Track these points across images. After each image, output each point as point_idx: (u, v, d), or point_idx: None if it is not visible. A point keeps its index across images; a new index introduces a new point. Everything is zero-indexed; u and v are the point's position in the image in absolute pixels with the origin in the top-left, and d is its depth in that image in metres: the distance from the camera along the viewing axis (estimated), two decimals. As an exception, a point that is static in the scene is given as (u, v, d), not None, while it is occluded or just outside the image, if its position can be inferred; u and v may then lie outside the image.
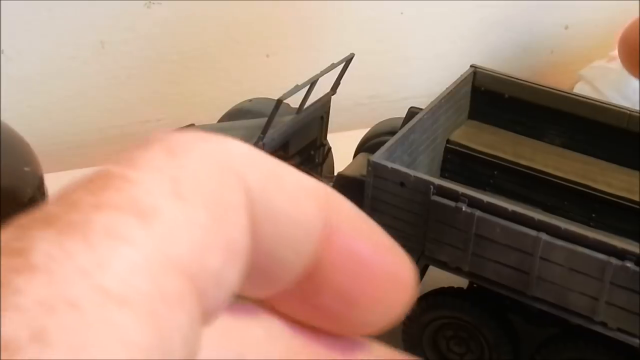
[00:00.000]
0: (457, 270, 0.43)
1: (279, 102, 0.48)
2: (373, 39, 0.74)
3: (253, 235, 0.15)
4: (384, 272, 0.17)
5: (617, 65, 0.70)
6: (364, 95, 0.56)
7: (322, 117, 0.56)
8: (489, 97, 0.52)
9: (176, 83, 0.70)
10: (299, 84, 0.49)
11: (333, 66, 0.52)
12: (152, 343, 0.12)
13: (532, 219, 0.39)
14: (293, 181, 0.15)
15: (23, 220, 0.13)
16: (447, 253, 0.43)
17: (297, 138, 0.54)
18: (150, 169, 0.14)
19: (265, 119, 0.50)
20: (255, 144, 0.50)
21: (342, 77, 0.55)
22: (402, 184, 0.42)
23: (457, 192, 0.40)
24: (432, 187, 0.41)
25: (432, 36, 0.76)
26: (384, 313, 0.17)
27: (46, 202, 0.14)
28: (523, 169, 0.50)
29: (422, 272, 0.47)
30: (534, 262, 0.39)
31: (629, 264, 0.37)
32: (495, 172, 0.51)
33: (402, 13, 0.73)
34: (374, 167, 0.42)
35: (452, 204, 0.40)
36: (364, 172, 0.44)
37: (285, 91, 0.49)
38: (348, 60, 0.53)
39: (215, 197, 0.14)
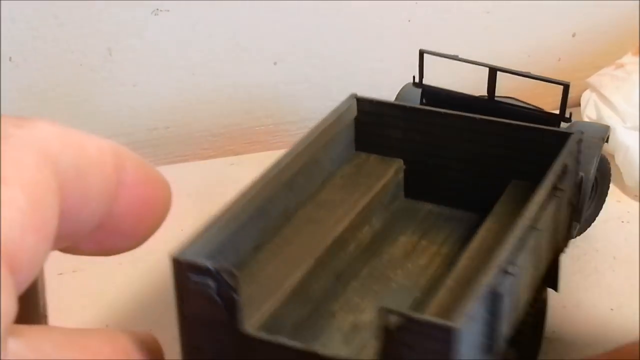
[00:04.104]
0: None
1: (422, 52, 0.51)
2: (380, 45, 0.74)
3: (63, 208, 0.16)
4: (160, 203, 0.19)
5: (624, 73, 0.70)
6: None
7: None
8: None
9: (183, 90, 0.70)
10: (460, 56, 0.52)
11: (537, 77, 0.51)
12: None
13: None
14: (94, 147, 0.17)
15: None
16: None
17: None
18: None
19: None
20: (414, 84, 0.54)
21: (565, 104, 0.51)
22: None
23: None
24: None
25: (438, 43, 0.76)
26: (153, 229, 0.19)
27: None
28: None
29: None
30: None
31: None
32: None
33: (409, 20, 0.73)
34: None
35: None
36: None
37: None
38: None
39: (33, 183, 0.15)
